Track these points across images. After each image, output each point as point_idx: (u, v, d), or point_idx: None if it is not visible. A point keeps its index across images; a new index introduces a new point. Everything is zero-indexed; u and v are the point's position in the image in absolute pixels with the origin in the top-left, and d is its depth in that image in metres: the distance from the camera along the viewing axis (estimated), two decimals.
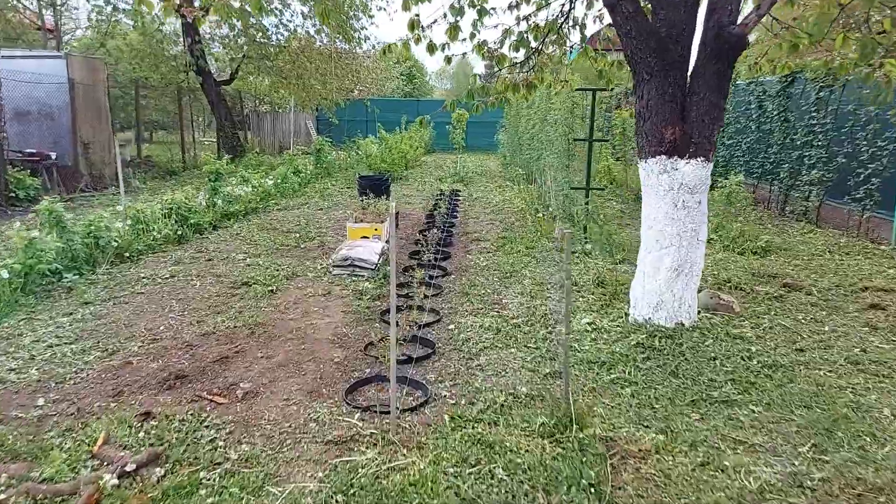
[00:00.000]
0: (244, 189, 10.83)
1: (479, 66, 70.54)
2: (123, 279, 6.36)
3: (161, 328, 4.94)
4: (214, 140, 23.09)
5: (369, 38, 20.38)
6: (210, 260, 7.22)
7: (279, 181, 12.98)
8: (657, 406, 3.59)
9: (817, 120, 9.47)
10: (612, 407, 3.57)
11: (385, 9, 19.58)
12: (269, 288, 6.00)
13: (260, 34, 17.79)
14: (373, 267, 6.49)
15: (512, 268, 6.85)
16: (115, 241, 7.06)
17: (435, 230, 8.63)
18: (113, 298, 5.69)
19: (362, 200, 9.28)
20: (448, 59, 5.81)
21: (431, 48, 5.41)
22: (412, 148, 20.05)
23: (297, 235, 8.62)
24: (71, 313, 5.24)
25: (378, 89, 30.72)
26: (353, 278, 6.41)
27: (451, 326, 5.03)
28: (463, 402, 3.65)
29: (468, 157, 23.86)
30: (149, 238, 7.63)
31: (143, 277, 6.37)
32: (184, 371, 4.01)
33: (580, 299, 5.65)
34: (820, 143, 9.37)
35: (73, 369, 4.11)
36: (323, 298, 5.75)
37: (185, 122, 17.71)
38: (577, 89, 7.40)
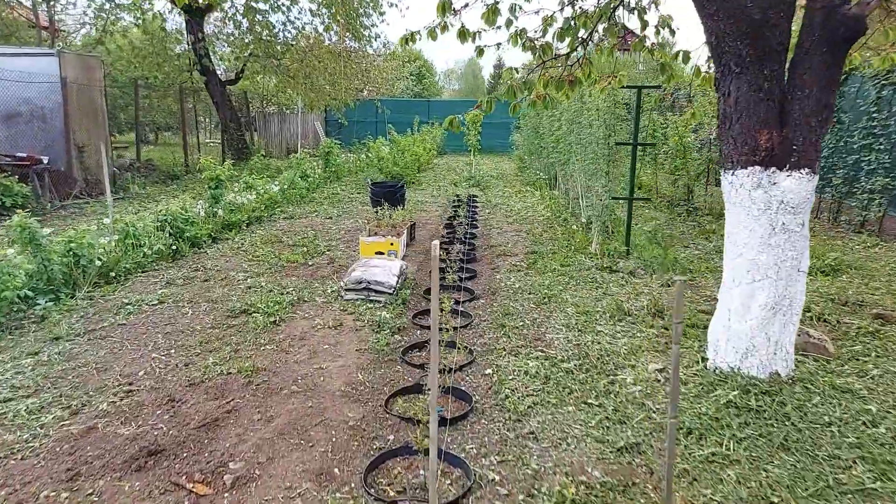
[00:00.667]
0: (247, 196, 10.02)
1: (487, 68, 69.73)
2: (104, 306, 5.54)
3: (140, 373, 4.11)
4: (220, 142, 22.38)
5: (380, 37, 19.45)
6: (207, 280, 6.39)
7: (286, 187, 12.17)
8: (775, 500, 2.73)
9: (878, 121, 8.55)
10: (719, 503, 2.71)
11: (396, 5, 18.61)
12: (272, 318, 5.16)
13: (266, 31, 17.00)
14: (390, 291, 5.64)
15: (549, 290, 5.98)
16: (100, 259, 6.24)
17: (457, 243, 7.80)
18: (88, 332, 4.86)
19: (377, 211, 8.42)
20: (480, 51, 4.95)
21: (463, 35, 4.57)
22: (425, 150, 19.21)
23: (305, 249, 7.78)
24: (37, 353, 4.42)
25: (387, 89, 29.88)
26: (369, 304, 5.56)
27: (489, 371, 4.17)
28: (519, 495, 2.79)
29: (482, 160, 23.02)
30: (139, 255, 6.82)
31: (128, 304, 5.55)
32: (160, 443, 3.17)
33: (637, 333, 4.78)
34: (882, 147, 8.45)
35: (25, 436, 3.28)
36: (334, 332, 4.90)
37: (188, 123, 16.93)
38: (625, 87, 6.54)
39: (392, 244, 7.18)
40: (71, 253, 5.99)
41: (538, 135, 15.22)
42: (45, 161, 11.18)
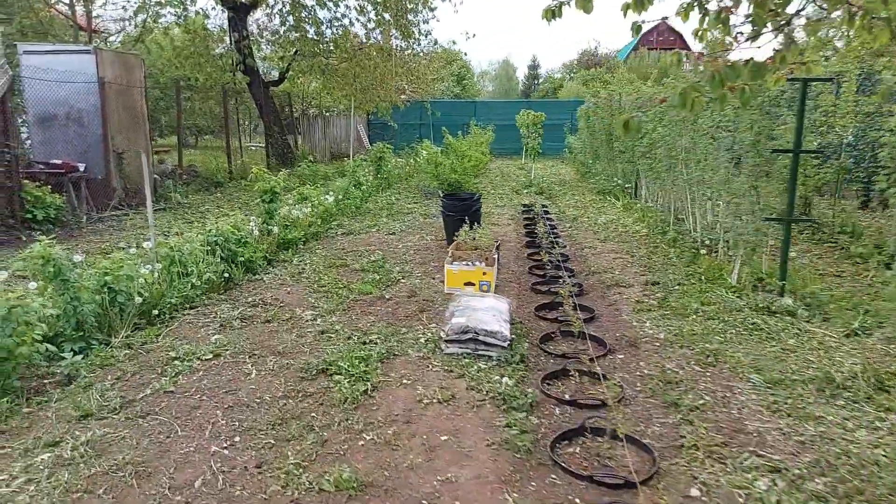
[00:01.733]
0: (302, 210, 8.87)
1: (521, 69, 68.05)
2: (147, 360, 4.39)
3: (197, 483, 2.91)
4: (262, 146, 21.43)
5: (430, 34, 18.24)
6: (269, 322, 5.20)
7: (340, 197, 11.02)
8: None
9: None
10: None
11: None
12: (360, 385, 3.92)
13: (315, 28, 15.92)
14: (505, 344, 4.37)
15: (705, 342, 4.65)
16: (141, 294, 5.11)
17: (550, 268, 6.53)
18: (127, 406, 3.69)
19: (455, 236, 7.15)
20: (637, 28, 3.65)
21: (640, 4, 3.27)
22: (484, 154, 17.96)
23: (377, 277, 6.57)
24: (57, 443, 3.26)
25: (428, 90, 28.68)
26: (478, 360, 4.30)
27: (693, 492, 2.86)
28: None
29: (533, 164, 21.69)
30: (186, 286, 5.68)
31: (176, 359, 4.38)
32: None
33: (875, 421, 3.42)
34: None
35: None
36: (447, 410, 3.64)
37: (230, 126, 15.96)
38: (812, 79, 5.16)
39: (484, 273, 5.92)
40: (106, 289, 4.87)
41: (610, 137, 13.83)
42: (82, 169, 10.23)
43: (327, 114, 24.31)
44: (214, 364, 4.32)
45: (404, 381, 4.02)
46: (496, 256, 6.37)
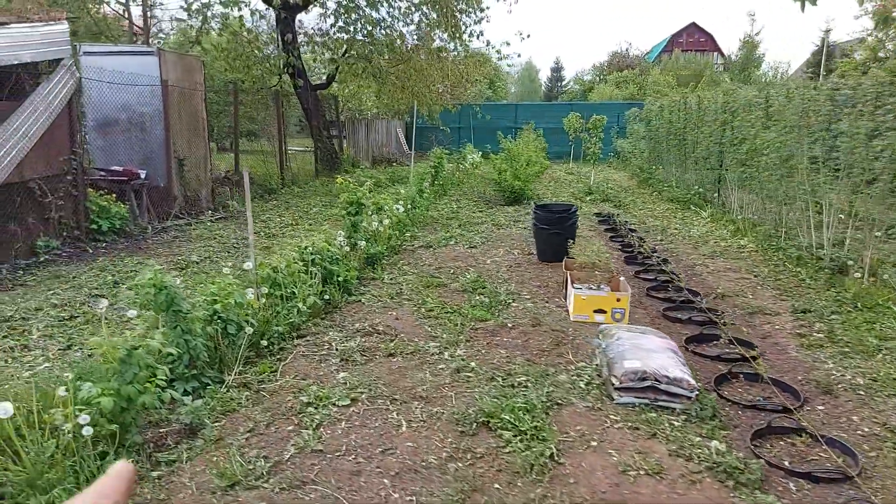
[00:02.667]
0: (382, 221, 8.28)
1: (545, 71, 67.23)
2: (273, 405, 3.81)
3: None
4: (302, 150, 20.97)
5: (482, 34, 17.61)
6: (391, 355, 4.62)
7: (409, 206, 10.44)
8: None
9: None
10: None
11: None
12: (538, 446, 3.30)
13: (370, 26, 15.36)
14: (692, 394, 3.72)
15: None
16: (250, 323, 4.55)
17: (670, 289, 5.88)
18: (275, 470, 3.11)
19: (568, 255, 6.52)
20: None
21: None
22: (546, 159, 17.37)
23: (485, 300, 5.97)
24: None
25: (464, 94, 28.07)
26: (665, 415, 3.65)
27: None
28: None
29: (580, 168, 21.01)
30: (292, 311, 5.12)
31: (308, 404, 3.79)
32: None
33: None
34: None
35: None
36: (663, 487, 3.00)
37: (280, 130, 15.48)
38: None
39: (618, 300, 5.28)
40: (216, 318, 4.32)
41: (683, 142, 13.11)
42: (143, 176, 9.77)
43: (360, 116, 23.81)
44: (354, 412, 3.73)
45: (588, 441, 3.39)
46: (619, 278, 5.72)
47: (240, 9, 13.76)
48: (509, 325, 5.29)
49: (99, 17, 14.65)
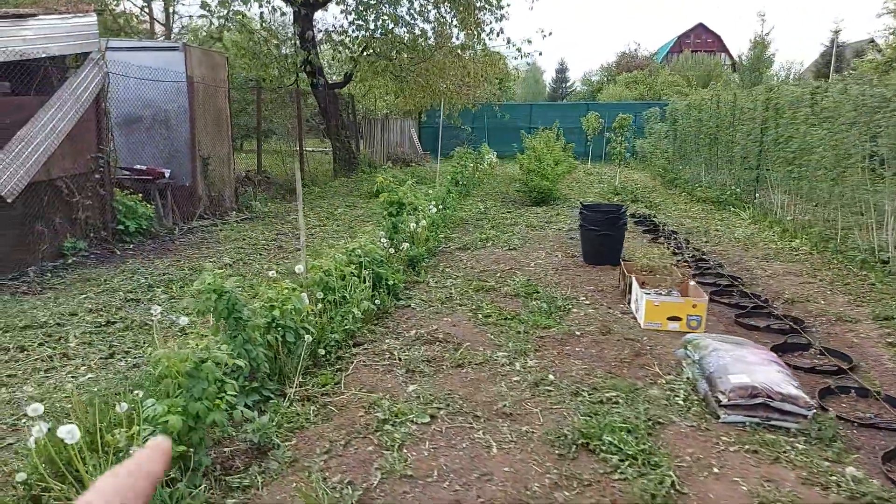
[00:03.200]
0: (420, 221, 7.94)
1: (549, 72, 66.83)
2: (346, 423, 3.48)
3: None
4: (311, 150, 20.62)
5: (502, 32, 17.27)
6: (459, 366, 4.28)
7: (441, 207, 10.11)
8: None
9: None
10: None
11: None
12: (652, 473, 2.96)
13: (391, 24, 15.05)
14: (809, 413, 3.38)
15: None
16: (308, 330, 4.21)
17: (735, 294, 5.55)
18: (366, 501, 2.79)
19: (623, 258, 6.18)
20: None
21: None
22: (574, 159, 17.06)
23: (542, 305, 5.63)
24: None
25: (482, 93, 27.76)
26: (781, 436, 3.31)
27: None
28: None
29: (602, 168, 20.69)
30: (347, 317, 4.79)
31: (384, 421, 3.46)
32: None
33: None
34: None
35: None
36: None
37: (287, 129, 15.17)
38: None
39: (694, 306, 4.94)
40: (276, 326, 3.99)
41: (715, 141, 12.77)
42: (168, 175, 9.46)
43: (375, 116, 23.49)
44: (436, 430, 3.40)
45: (707, 467, 3.04)
46: (694, 284, 5.38)
47: (260, 5, 13.44)
48: (577, 332, 4.96)
49: (118, 12, 14.33)
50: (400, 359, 4.39)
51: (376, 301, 5.35)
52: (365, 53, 16.83)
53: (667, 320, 4.97)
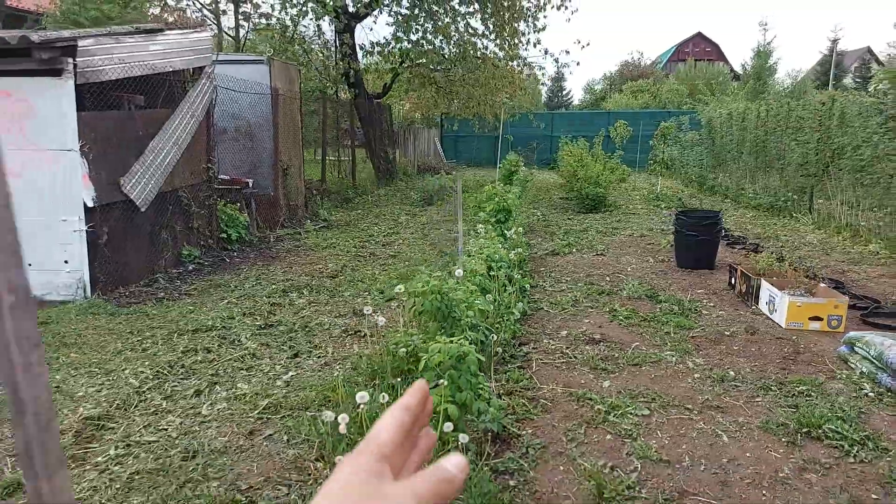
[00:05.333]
0: (517, 229, 8.19)
1: (549, 70, 67.31)
2: (564, 413, 3.73)
3: None
4: (342, 159, 20.87)
5: (539, 43, 17.66)
6: (636, 365, 4.53)
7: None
8: None
9: None
10: None
11: (566, 6, 16.74)
12: (885, 454, 3.23)
13: (440, 36, 15.36)
14: None
15: None
16: (492, 330, 4.45)
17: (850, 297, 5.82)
18: (639, 483, 3.03)
19: (744, 258, 6.45)
20: None
21: None
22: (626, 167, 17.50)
23: (668, 306, 5.89)
24: None
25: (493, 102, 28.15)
26: None
27: None
28: None
29: (636, 176, 21.01)
30: (507, 317, 5.04)
31: (607, 412, 3.70)
32: None
33: None
34: None
35: None
36: None
37: (352, 140, 15.44)
38: None
39: (836, 307, 5.21)
40: (474, 327, 4.23)
41: (763, 148, 13.10)
42: (251, 184, 9.70)
43: (408, 125, 23.82)
44: (658, 422, 3.63)
45: None
46: (823, 284, 5.66)
47: (317, 17, 13.73)
48: (726, 333, 5.22)
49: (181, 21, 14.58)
50: (574, 356, 4.64)
51: (521, 304, 5.59)
52: (404, 64, 17.13)
53: (808, 320, 5.23)
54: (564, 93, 64.17)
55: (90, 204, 5.84)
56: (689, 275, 7.43)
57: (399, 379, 3.85)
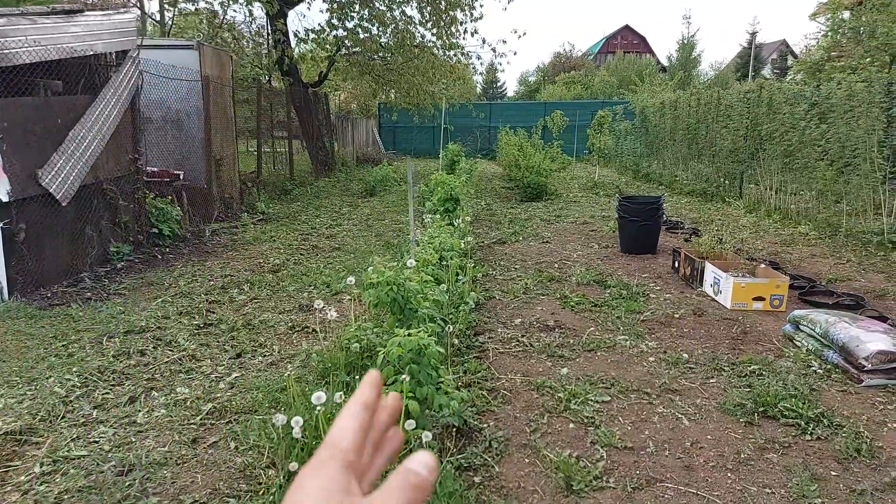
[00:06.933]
0: (464, 217, 8.08)
1: (486, 60, 67.80)
2: (525, 403, 3.64)
3: None
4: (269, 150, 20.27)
5: (476, 32, 17.54)
6: (591, 350, 4.49)
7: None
8: None
9: None
10: None
11: None
12: (842, 431, 3.29)
13: (377, 24, 15.03)
14: None
15: None
16: (448, 321, 4.32)
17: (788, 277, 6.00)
18: (607, 472, 2.97)
19: (687, 238, 6.55)
20: None
21: None
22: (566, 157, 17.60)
23: (616, 290, 5.92)
24: None
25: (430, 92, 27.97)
26: None
27: None
28: None
29: (572, 165, 21.33)
30: (461, 307, 4.93)
31: (567, 399, 3.63)
32: None
33: None
34: None
35: None
36: None
37: (290, 130, 14.95)
38: None
39: (778, 286, 5.35)
40: (431, 318, 4.09)
41: (694, 136, 13.48)
42: (181, 177, 9.20)
43: (346, 115, 23.36)
44: (619, 408, 3.60)
45: (882, 424, 3.39)
46: (763, 265, 5.80)
47: (248, 1, 13.16)
48: (675, 315, 5.27)
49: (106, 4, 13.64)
50: (530, 345, 4.57)
51: (473, 293, 5.48)
52: (341, 53, 16.72)
53: (752, 300, 5.34)
54: (499, 84, 64.55)
55: (5, 199, 5.36)
56: (634, 259, 7.52)
57: (357, 376, 3.67)
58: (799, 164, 9.35)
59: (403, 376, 3.09)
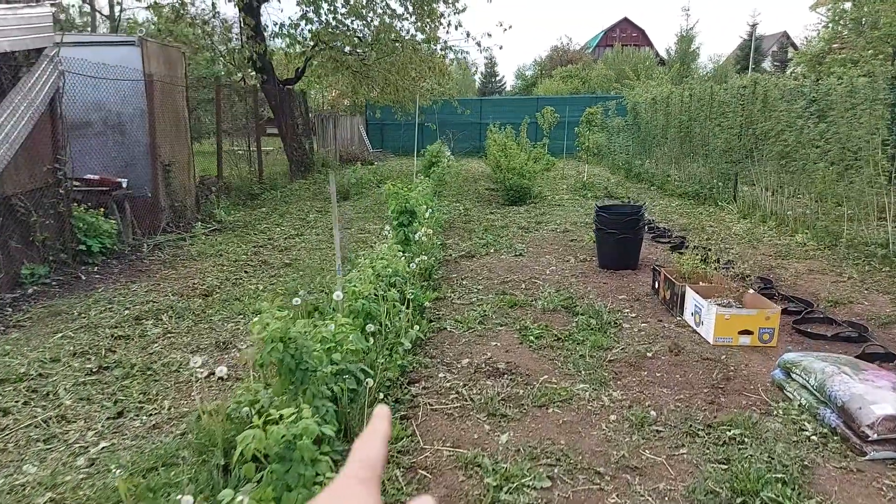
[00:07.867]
0: (426, 230, 7.34)
1: (472, 55, 66.66)
2: (448, 490, 2.90)
3: None
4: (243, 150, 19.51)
5: (460, 25, 16.67)
6: (543, 406, 3.75)
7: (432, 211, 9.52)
8: None
9: None
10: None
11: None
12: None
13: (352, 17, 14.25)
14: None
15: None
16: (369, 374, 3.58)
17: (777, 298, 5.28)
18: None
19: (660, 266, 5.80)
20: None
21: None
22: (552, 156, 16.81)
23: (586, 319, 5.18)
24: None
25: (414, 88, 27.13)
26: None
27: None
28: None
29: (563, 163, 20.59)
30: (395, 349, 4.19)
31: (498, 487, 2.89)
32: None
33: None
34: None
35: None
36: None
37: (257, 129, 14.19)
38: None
39: (768, 318, 4.60)
40: (341, 374, 3.36)
41: (689, 135, 12.72)
42: (125, 185, 8.46)
43: (328, 113, 22.54)
44: (563, 498, 2.86)
45: None
46: (751, 292, 5.06)
47: None
48: (648, 354, 4.52)
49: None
50: (471, 399, 3.83)
51: (417, 328, 4.74)
52: (316, 47, 15.93)
53: (738, 335, 4.61)
54: (497, 79, 63.62)
55: None
56: (612, 276, 6.79)
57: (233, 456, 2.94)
58: (796, 166, 8.58)
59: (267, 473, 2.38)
